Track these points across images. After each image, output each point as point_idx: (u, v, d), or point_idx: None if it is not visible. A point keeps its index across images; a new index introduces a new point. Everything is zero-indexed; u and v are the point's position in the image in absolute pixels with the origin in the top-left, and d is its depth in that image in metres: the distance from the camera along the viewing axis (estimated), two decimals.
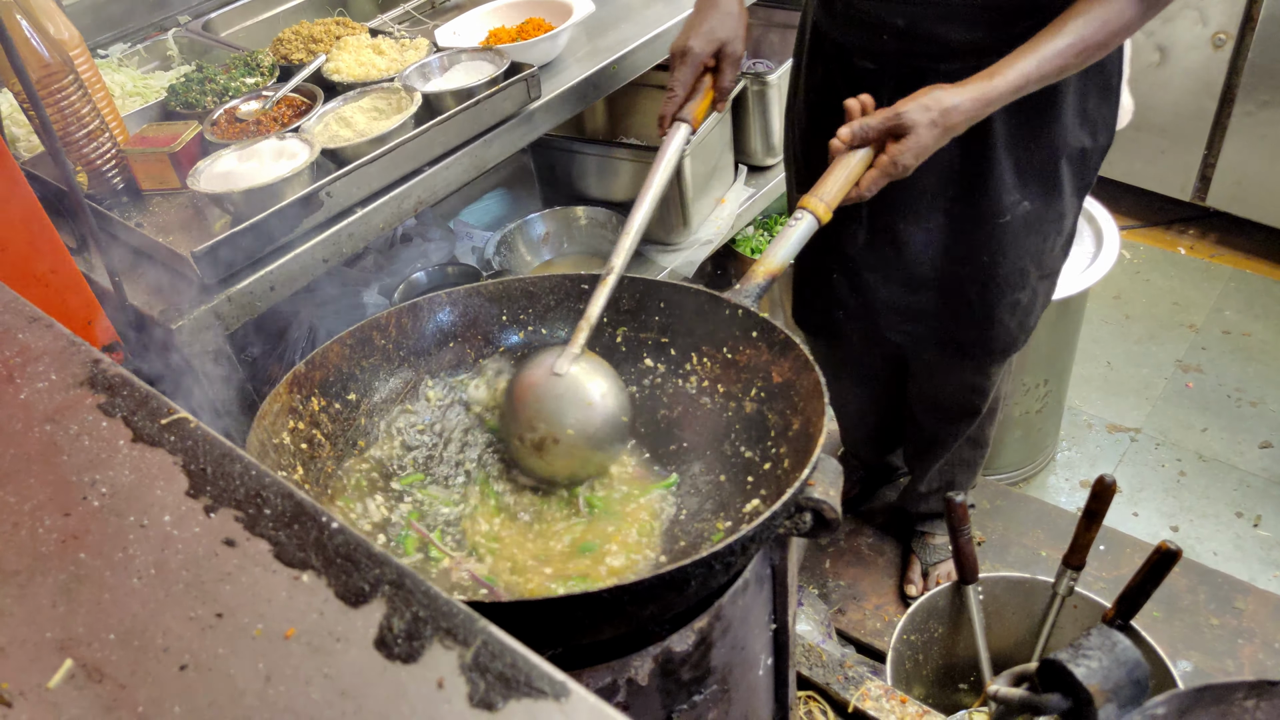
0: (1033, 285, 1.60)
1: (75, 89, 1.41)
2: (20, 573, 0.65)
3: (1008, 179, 1.46)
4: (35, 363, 0.82)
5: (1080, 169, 1.51)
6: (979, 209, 1.49)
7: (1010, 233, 1.51)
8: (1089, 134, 1.48)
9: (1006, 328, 1.63)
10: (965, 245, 1.53)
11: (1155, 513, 2.32)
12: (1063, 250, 1.63)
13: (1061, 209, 1.53)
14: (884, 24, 1.38)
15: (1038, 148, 1.45)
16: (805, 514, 0.99)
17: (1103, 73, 1.44)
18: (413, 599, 0.60)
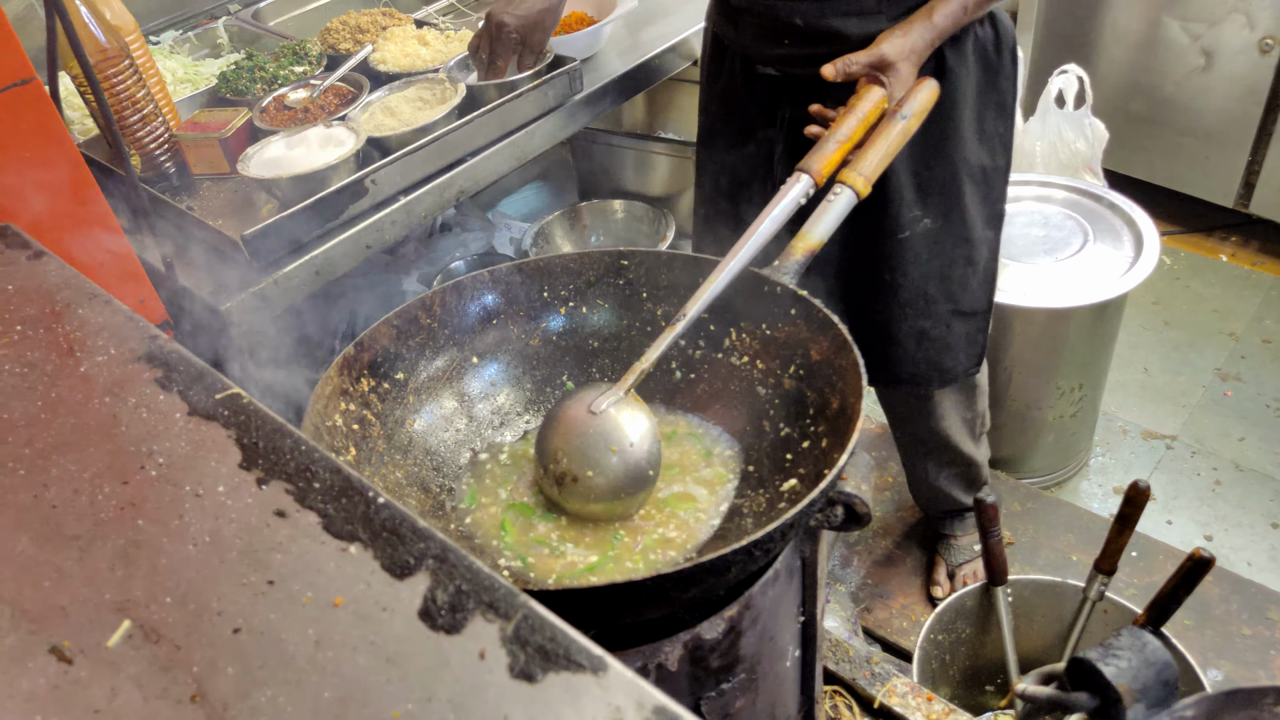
0: (944, 319, 1.57)
1: (131, 74, 1.44)
2: (80, 537, 0.68)
3: (906, 194, 1.45)
4: (95, 337, 0.85)
5: (984, 191, 1.51)
6: (878, 223, 1.48)
7: (910, 250, 1.49)
8: (988, 152, 1.48)
9: (911, 356, 1.60)
10: (865, 259, 1.52)
11: (1189, 521, 2.30)
12: (982, 288, 1.59)
13: (967, 234, 1.52)
14: (783, 26, 1.37)
15: (937, 162, 1.45)
16: (837, 507, 1.00)
17: (998, 90, 1.46)
18: (456, 572, 0.62)
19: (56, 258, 0.96)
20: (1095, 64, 2.89)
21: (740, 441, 1.18)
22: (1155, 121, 2.94)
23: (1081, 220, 2.18)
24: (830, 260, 1.54)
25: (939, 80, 1.39)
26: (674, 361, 1.26)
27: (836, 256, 1.54)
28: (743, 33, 1.44)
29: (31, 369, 0.82)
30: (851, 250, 1.52)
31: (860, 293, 1.56)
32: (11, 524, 0.69)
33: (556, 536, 1.11)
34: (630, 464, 1.08)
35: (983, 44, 1.42)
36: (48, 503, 0.70)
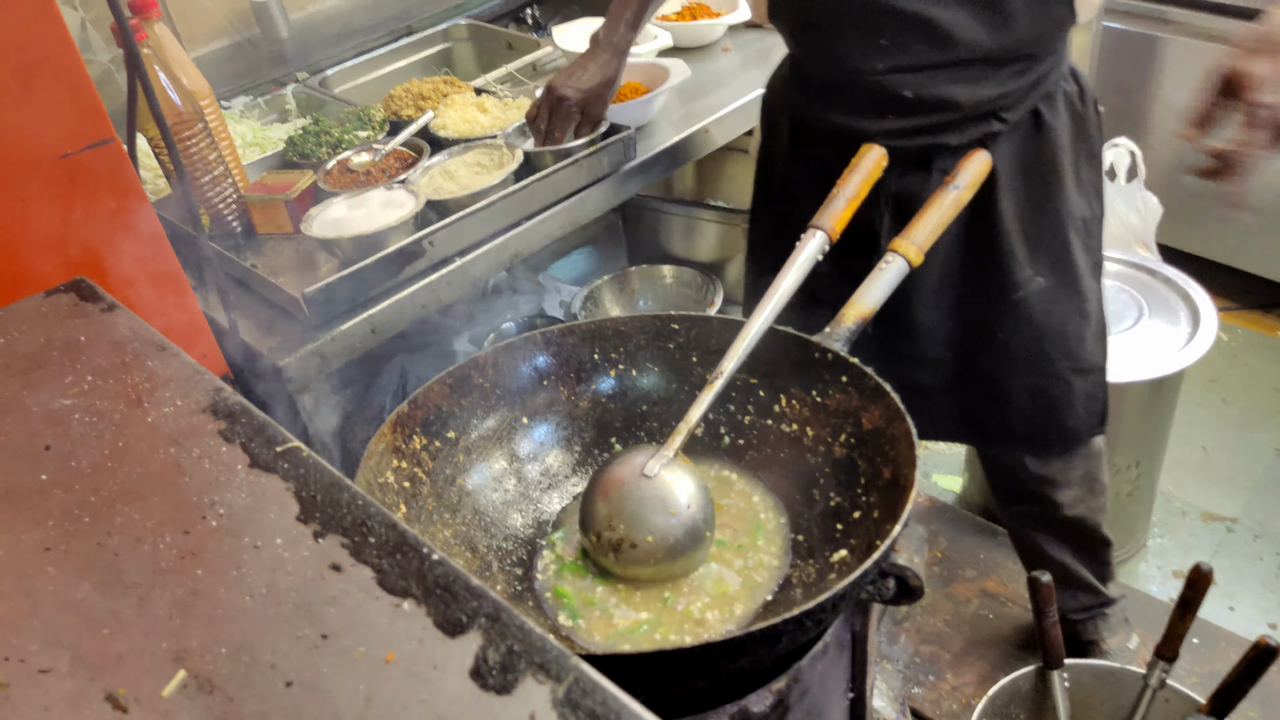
0: (1064, 378, 1.53)
1: (204, 137, 1.50)
2: (140, 585, 0.69)
3: (1018, 252, 1.44)
4: (162, 388, 0.87)
5: (1087, 241, 1.50)
6: (991, 285, 1.47)
7: (1025, 309, 1.47)
8: (1086, 201, 1.48)
9: (1028, 417, 1.55)
10: (979, 321, 1.50)
11: (1253, 608, 2.22)
12: (1096, 342, 1.56)
13: (1080, 288, 1.50)
14: (889, 99, 1.36)
15: (1044, 217, 1.44)
16: (889, 580, 0.98)
17: (1088, 140, 1.46)
18: (508, 632, 0.62)
19: (127, 310, 0.99)
20: (1147, 138, 2.88)
21: (789, 510, 1.17)
22: (1210, 197, 2.91)
23: (1136, 294, 2.15)
24: (938, 329, 1.52)
25: (1038, 134, 1.41)
26: (723, 427, 1.26)
27: (947, 329, 1.51)
28: (835, 109, 1.43)
29: (100, 418, 0.84)
30: (962, 316, 1.51)
31: (972, 357, 1.53)
32: (75, 571, 0.70)
33: (605, 596, 1.10)
34: (688, 525, 1.08)
35: (1070, 98, 1.43)
36: (111, 550, 0.71)
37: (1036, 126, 1.41)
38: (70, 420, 0.84)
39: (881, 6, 1.28)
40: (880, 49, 1.32)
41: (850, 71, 1.37)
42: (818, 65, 1.43)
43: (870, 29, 1.31)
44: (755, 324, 1.14)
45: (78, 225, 1.12)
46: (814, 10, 1.37)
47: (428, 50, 2.38)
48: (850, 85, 1.38)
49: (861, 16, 1.31)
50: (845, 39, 1.35)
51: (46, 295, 1.02)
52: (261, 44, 2.27)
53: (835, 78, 1.40)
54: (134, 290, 1.18)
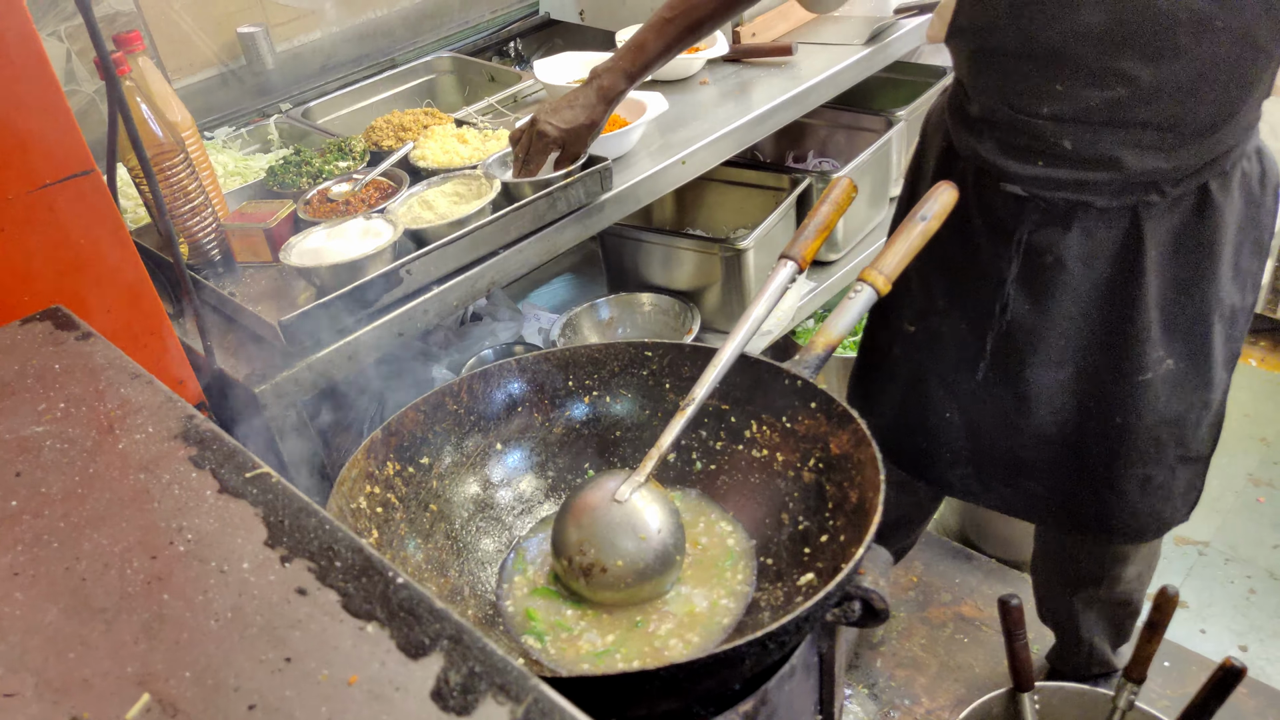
0: (1170, 464, 1.46)
1: (185, 167, 1.52)
2: (107, 610, 0.70)
3: (1154, 332, 1.35)
4: (134, 415, 0.88)
5: (1230, 331, 1.41)
6: (1117, 363, 1.38)
7: (1150, 393, 1.39)
8: (1239, 291, 1.39)
9: (1132, 506, 1.48)
10: (1097, 401, 1.42)
11: (1224, 630, 2.24)
12: (1210, 432, 1.48)
13: (1210, 378, 1.41)
14: (1046, 145, 1.29)
15: (1190, 303, 1.36)
16: (854, 602, 1.00)
17: (1257, 226, 1.37)
18: (470, 654, 0.63)
19: (103, 339, 1.00)
20: None
21: (759, 534, 1.19)
22: None
23: None
24: (1049, 401, 1.45)
25: (1203, 213, 1.32)
26: (695, 452, 1.28)
27: (1058, 399, 1.44)
28: (985, 144, 1.37)
29: (72, 445, 0.85)
30: (1079, 392, 1.43)
31: (1081, 437, 1.46)
32: (43, 595, 0.71)
33: (575, 619, 1.11)
34: (658, 550, 1.09)
35: (1249, 179, 1.34)
36: (78, 575, 0.72)
37: (1202, 204, 1.31)
38: (42, 447, 0.86)
39: (1067, 54, 1.22)
40: (1053, 94, 1.26)
41: (1013, 109, 1.31)
42: (982, 95, 1.36)
43: (1049, 72, 1.25)
44: (726, 352, 1.16)
45: (56, 254, 1.13)
46: (997, 40, 1.29)
47: (411, 82, 2.41)
48: (1009, 124, 1.33)
49: (1045, 58, 1.25)
50: (1019, 76, 1.29)
51: (22, 323, 1.03)
52: (247, 75, 2.29)
53: (995, 112, 1.34)
54: (111, 318, 1.19)
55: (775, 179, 2.47)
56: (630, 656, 1.05)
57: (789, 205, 2.31)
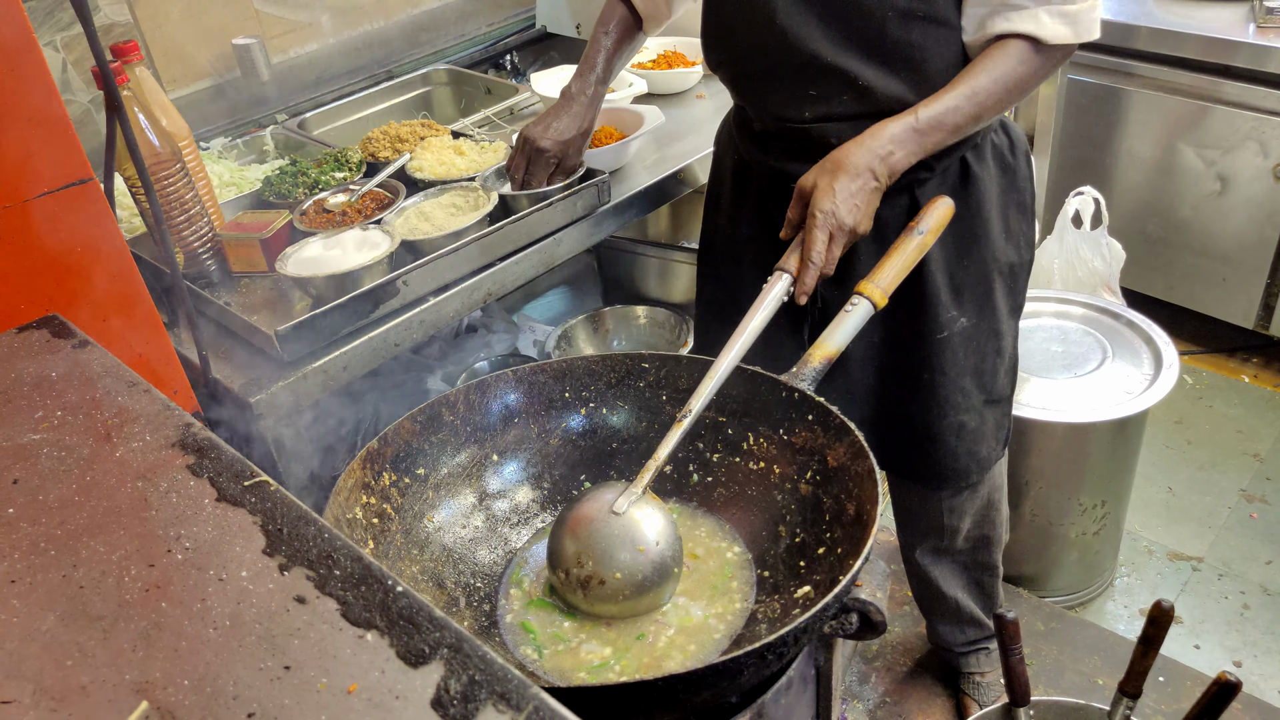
0: (978, 410, 1.61)
1: (181, 177, 1.52)
2: (105, 618, 0.69)
3: (943, 295, 1.50)
4: (132, 424, 0.88)
5: (1010, 286, 1.57)
6: (917, 325, 1.52)
7: (950, 349, 1.54)
8: (1014, 249, 1.55)
9: (953, 452, 1.63)
10: (905, 362, 1.56)
11: (1218, 646, 2.24)
12: (1007, 375, 1.65)
13: (998, 327, 1.57)
14: (818, 145, 1.40)
15: (971, 263, 1.51)
16: (851, 615, 1.00)
17: (1018, 190, 1.53)
18: (470, 663, 0.63)
19: (99, 347, 1.00)
20: (1111, 187, 2.96)
21: (756, 546, 1.18)
22: (1172, 243, 2.99)
23: (1100, 337, 2.20)
24: (866, 367, 1.57)
25: (964, 185, 1.46)
26: (692, 464, 1.28)
27: (874, 364, 1.57)
28: (772, 155, 1.49)
29: (69, 453, 0.85)
30: (889, 356, 1.56)
31: (899, 396, 1.59)
32: (41, 603, 0.70)
33: (572, 631, 1.10)
34: (656, 562, 1.09)
35: (999, 149, 1.50)
36: (76, 583, 0.72)
37: (964, 176, 1.46)
38: (39, 455, 0.85)
39: (809, 61, 1.35)
40: (809, 99, 1.39)
41: (782, 119, 1.43)
42: (755, 112, 1.49)
43: (799, 81, 1.38)
44: (723, 363, 1.17)
45: (53, 263, 1.13)
46: (748, 62, 1.43)
47: (407, 94, 2.42)
48: (783, 132, 1.45)
49: (792, 70, 1.37)
50: (777, 89, 1.41)
51: (19, 331, 1.03)
52: (243, 86, 2.30)
53: (770, 125, 1.46)
54: (107, 327, 1.19)
55: None
56: (629, 669, 1.05)
57: None
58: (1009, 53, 1.31)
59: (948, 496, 1.76)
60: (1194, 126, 2.80)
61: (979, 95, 1.31)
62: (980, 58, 1.33)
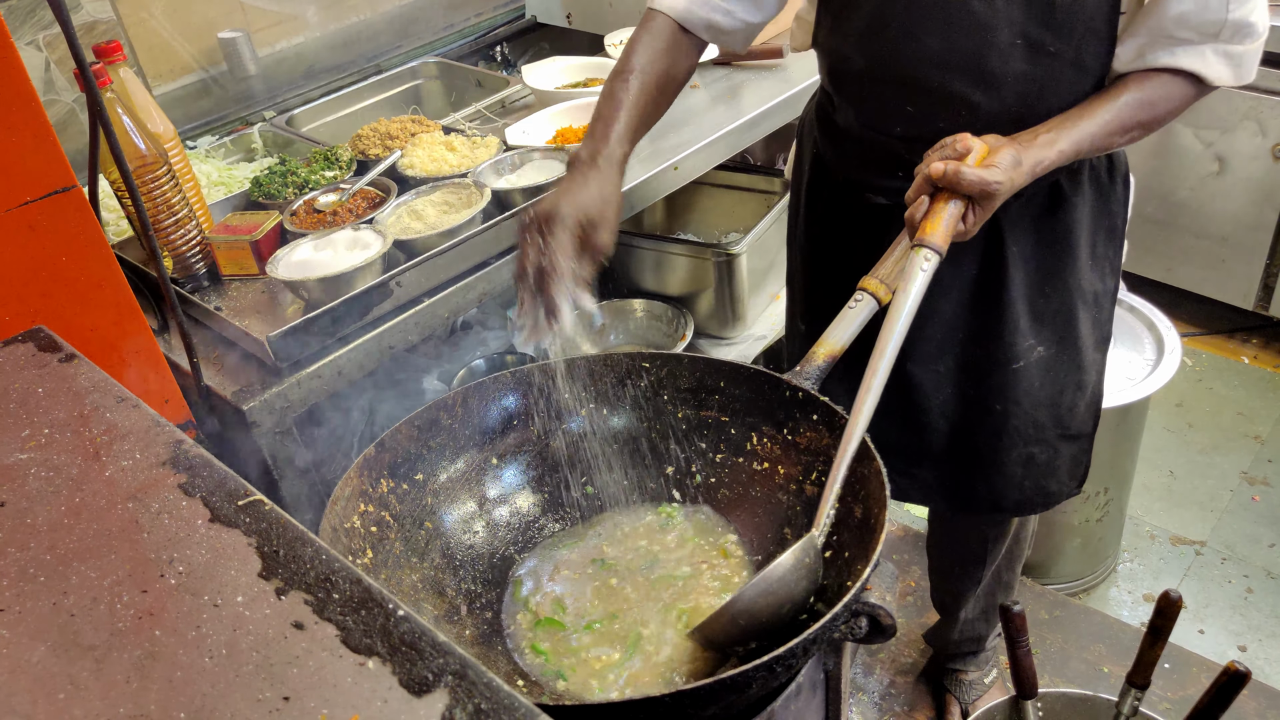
0: (1052, 444, 1.52)
1: (168, 179, 1.49)
2: (97, 647, 0.67)
3: (1022, 323, 1.41)
4: (121, 441, 0.85)
5: (1096, 316, 1.48)
6: (991, 353, 1.43)
7: (1024, 379, 1.45)
8: (1099, 276, 1.45)
9: (1019, 484, 1.54)
10: (976, 391, 1.47)
11: (1222, 630, 2.24)
12: (1088, 410, 1.54)
13: (1080, 360, 1.48)
14: (902, 160, 1.32)
15: (1054, 292, 1.42)
16: (861, 619, 0.98)
17: (1109, 215, 1.43)
18: (475, 690, 0.61)
19: (87, 361, 0.98)
20: None
21: (762, 548, 1.17)
22: (1171, 225, 2.97)
23: None
24: (934, 395, 1.48)
25: (1056, 209, 1.36)
26: (694, 464, 1.26)
27: (941, 391, 1.48)
28: (848, 158, 1.41)
29: (57, 473, 0.83)
30: (958, 384, 1.47)
31: (965, 425, 1.50)
32: (30, 632, 0.68)
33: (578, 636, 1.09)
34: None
35: (1097, 171, 1.39)
36: (66, 610, 0.70)
37: (1055, 200, 1.37)
38: (26, 475, 0.83)
39: (917, 81, 1.25)
40: (906, 115, 1.30)
41: (869, 128, 1.35)
42: (844, 110, 1.39)
43: (899, 95, 1.29)
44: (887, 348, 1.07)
45: (37, 273, 1.11)
46: (851, 64, 1.33)
47: (396, 88, 2.39)
48: (867, 140, 1.36)
49: (894, 83, 1.28)
50: (873, 97, 1.32)
51: (4, 345, 1.00)
52: (228, 82, 2.26)
53: (855, 129, 1.37)
54: (95, 337, 1.16)
55: (767, 182, 2.45)
56: (638, 675, 1.03)
57: (781, 209, 2.30)
58: (1167, 90, 1.20)
59: (992, 525, 1.69)
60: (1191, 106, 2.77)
61: (1120, 127, 1.19)
62: (1126, 87, 1.20)
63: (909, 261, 1.11)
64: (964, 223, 1.12)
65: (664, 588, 1.15)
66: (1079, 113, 1.20)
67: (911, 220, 1.13)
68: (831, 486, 1.03)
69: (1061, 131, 1.17)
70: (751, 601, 0.96)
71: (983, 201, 1.11)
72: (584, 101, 2.02)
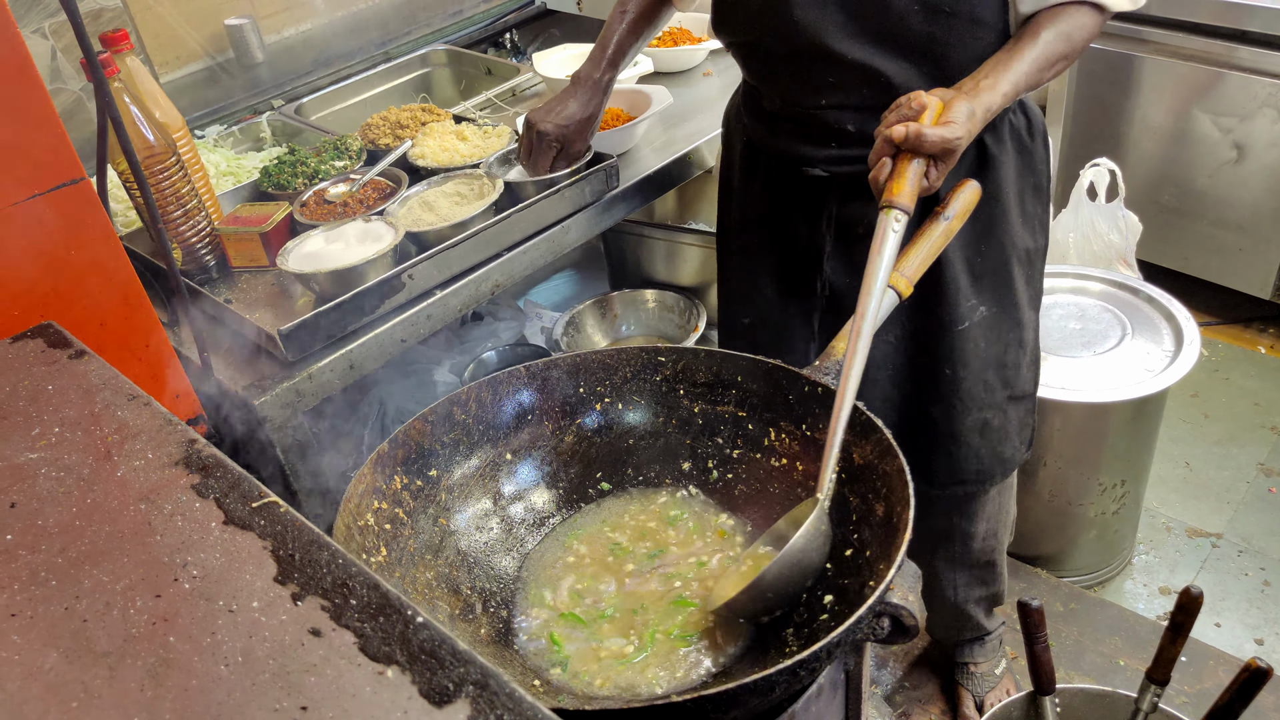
0: (1002, 406, 1.57)
1: (177, 170, 1.47)
2: (111, 654, 0.66)
3: (963, 283, 1.45)
4: (133, 440, 0.84)
5: (1029, 272, 1.53)
6: (938, 316, 1.47)
7: (971, 340, 1.49)
8: (1030, 233, 1.50)
9: (976, 452, 1.58)
10: (925, 357, 1.51)
11: (1239, 624, 2.22)
12: (1030, 369, 1.60)
13: (1019, 317, 1.53)
14: (832, 131, 1.38)
15: (988, 248, 1.46)
16: (883, 619, 0.96)
17: (1034, 173, 1.48)
18: (497, 701, 0.59)
19: (97, 357, 0.96)
20: (1126, 157, 2.90)
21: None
22: (1187, 214, 2.93)
23: (1119, 313, 2.16)
24: (885, 365, 1.52)
25: (982, 168, 1.41)
26: (711, 460, 1.24)
27: (892, 364, 1.52)
28: (780, 137, 1.45)
29: (68, 473, 0.81)
30: (908, 352, 1.51)
31: (919, 395, 1.54)
32: (42, 638, 0.67)
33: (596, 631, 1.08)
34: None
35: (1017, 130, 1.44)
36: (79, 616, 0.68)
37: (982, 159, 1.42)
38: (37, 475, 0.81)
39: (828, 53, 1.30)
40: (827, 86, 1.35)
41: (795, 104, 1.39)
42: (766, 94, 1.44)
43: (815, 69, 1.34)
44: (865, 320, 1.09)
45: (45, 267, 1.09)
46: (761, 46, 1.38)
47: (405, 76, 2.36)
48: (795, 115, 1.41)
49: (808, 59, 1.33)
50: (791, 74, 1.37)
51: (12, 341, 0.99)
52: (235, 69, 2.24)
53: (781, 106, 1.42)
54: (104, 331, 1.15)
55: None
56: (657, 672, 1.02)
57: None
58: (1079, 21, 1.26)
59: (962, 501, 1.72)
60: (1209, 93, 2.73)
61: (1046, 61, 1.25)
62: (1042, 25, 1.26)
63: (879, 224, 1.13)
64: (927, 179, 1.17)
65: (679, 583, 1.13)
66: (1008, 55, 1.25)
67: (876, 182, 1.18)
68: (830, 450, 1.05)
69: (998, 75, 1.23)
70: (778, 575, 1.00)
71: (945, 158, 1.16)
72: None
